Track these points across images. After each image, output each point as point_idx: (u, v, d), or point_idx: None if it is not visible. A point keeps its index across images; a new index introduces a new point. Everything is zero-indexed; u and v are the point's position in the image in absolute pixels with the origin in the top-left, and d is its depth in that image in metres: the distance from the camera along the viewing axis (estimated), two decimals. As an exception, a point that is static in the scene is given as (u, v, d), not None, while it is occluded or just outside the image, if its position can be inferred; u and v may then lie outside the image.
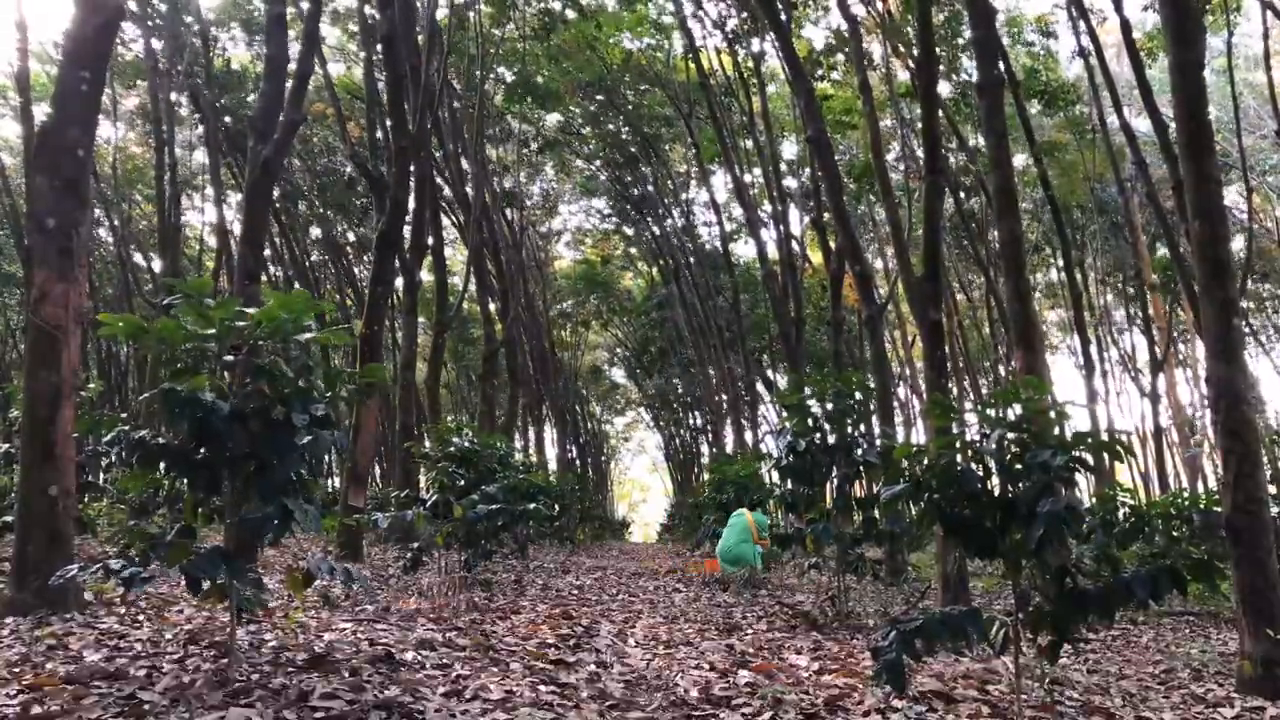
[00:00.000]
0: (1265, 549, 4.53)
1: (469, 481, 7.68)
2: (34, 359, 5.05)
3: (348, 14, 20.07)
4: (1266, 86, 13.85)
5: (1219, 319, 4.80)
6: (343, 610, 5.65)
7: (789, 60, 12.07)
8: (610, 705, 3.59)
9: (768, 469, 7.39)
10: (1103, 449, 3.35)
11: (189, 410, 3.28)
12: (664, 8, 20.72)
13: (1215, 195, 4.94)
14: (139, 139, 24.01)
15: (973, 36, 7.88)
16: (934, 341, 7.82)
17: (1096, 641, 6.49)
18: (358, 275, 26.18)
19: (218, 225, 19.32)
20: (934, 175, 8.23)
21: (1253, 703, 4.26)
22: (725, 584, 9.04)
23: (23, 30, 12.83)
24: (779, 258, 18.05)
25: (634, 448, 54.13)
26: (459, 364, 32.40)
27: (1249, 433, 4.71)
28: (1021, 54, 18.55)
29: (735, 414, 24.34)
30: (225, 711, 2.99)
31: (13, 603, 4.68)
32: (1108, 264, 26.50)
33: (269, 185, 8.21)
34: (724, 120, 19.56)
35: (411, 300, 13.63)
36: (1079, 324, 15.53)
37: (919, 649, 3.16)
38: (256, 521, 3.38)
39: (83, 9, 5.33)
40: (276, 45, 8.30)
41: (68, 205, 5.09)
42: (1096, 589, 3.20)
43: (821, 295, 22.89)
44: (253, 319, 3.36)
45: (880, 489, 6.30)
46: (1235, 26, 15.16)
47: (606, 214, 30.63)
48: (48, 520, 4.85)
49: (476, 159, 19.50)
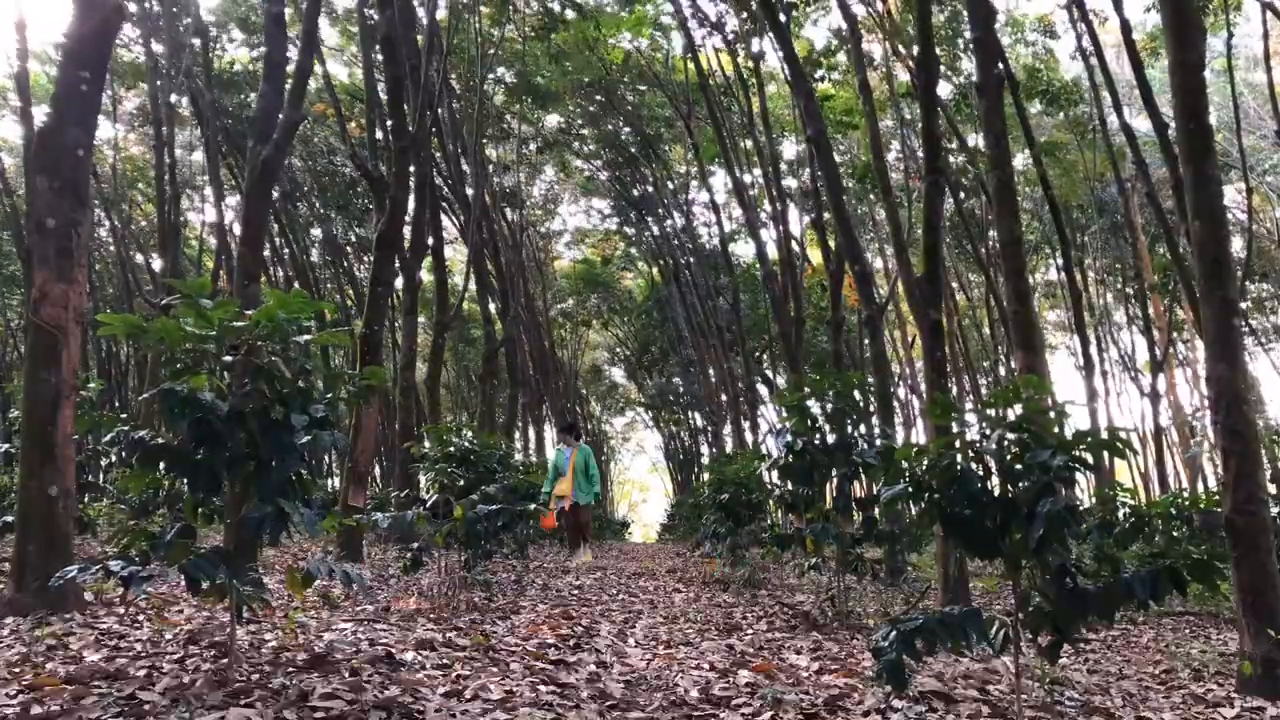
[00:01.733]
0: (1265, 549, 4.53)
1: (469, 482, 7.67)
2: (34, 359, 5.05)
3: (347, 14, 20.08)
4: (1266, 86, 13.86)
5: (1219, 319, 4.79)
6: (343, 610, 5.65)
7: (789, 60, 12.07)
8: (610, 705, 3.59)
9: (767, 469, 7.38)
10: (1103, 447, 3.35)
11: (188, 410, 3.28)
12: (663, 8, 20.74)
13: (1215, 195, 4.94)
14: (139, 139, 24.03)
15: (973, 36, 7.88)
16: (934, 341, 7.82)
17: (1096, 641, 6.49)
18: (358, 275, 26.19)
19: (218, 225, 19.33)
20: (934, 175, 8.22)
21: (1253, 703, 4.26)
22: (725, 584, 9.05)
23: (22, 31, 12.84)
24: (779, 258, 18.05)
25: (634, 448, 54.17)
26: (459, 364, 32.41)
27: (1249, 433, 4.70)
28: (1022, 54, 18.56)
29: (735, 414, 24.34)
30: (225, 711, 2.99)
31: (13, 603, 4.68)
32: (1107, 264, 26.51)
33: (269, 185, 8.21)
34: (724, 120, 19.56)
35: (411, 300, 13.63)
36: (1079, 324, 15.53)
37: (919, 649, 3.16)
38: (256, 522, 3.38)
39: (82, 9, 5.33)
40: (275, 45, 8.30)
41: (67, 206, 5.09)
42: (1096, 589, 3.20)
43: (821, 295, 22.88)
44: (252, 319, 3.36)
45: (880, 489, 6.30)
46: (1235, 27, 15.18)
47: (606, 214, 30.66)
48: (48, 520, 4.85)
49: (476, 159, 19.51)
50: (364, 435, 9.73)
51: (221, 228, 18.92)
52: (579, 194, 30.22)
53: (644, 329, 34.15)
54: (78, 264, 5.12)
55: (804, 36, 18.76)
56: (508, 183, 24.78)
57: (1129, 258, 23.53)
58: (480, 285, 19.84)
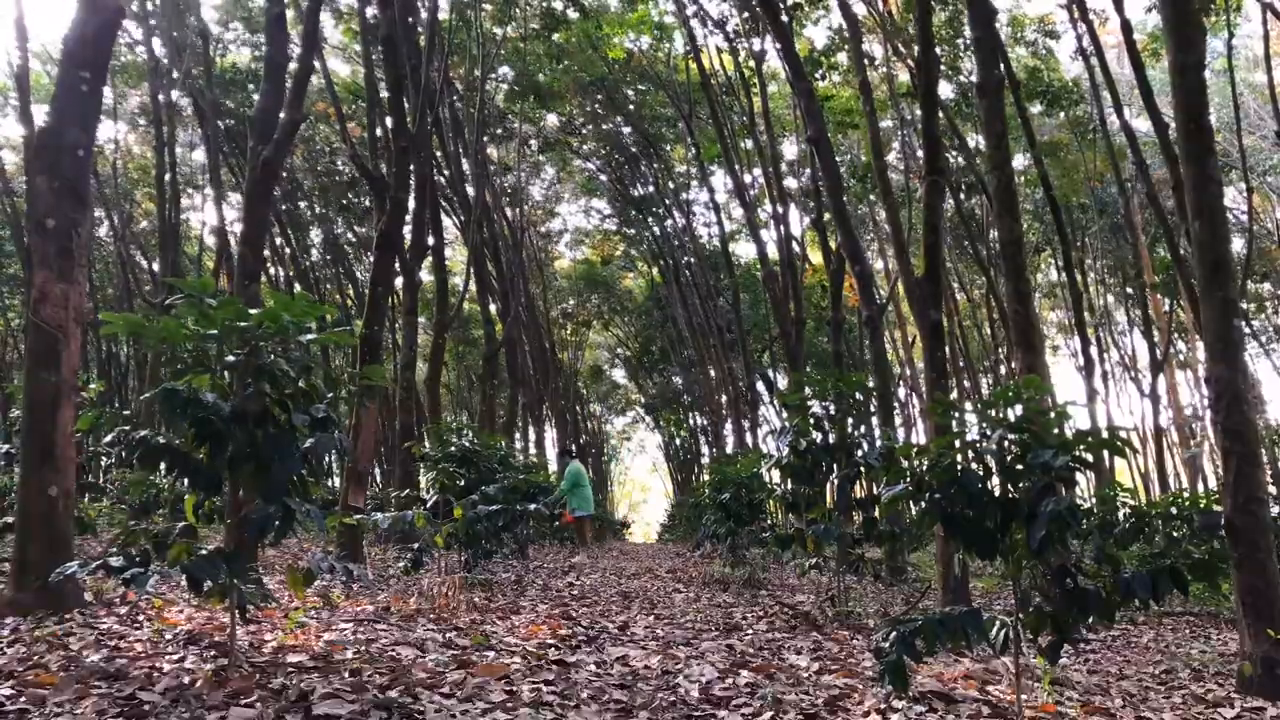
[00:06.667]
0: (1265, 549, 4.53)
1: (469, 482, 7.68)
2: (34, 359, 5.04)
3: (350, 12, 20.07)
4: (1266, 86, 13.86)
5: (1219, 319, 4.79)
6: (343, 610, 5.65)
7: (789, 60, 12.06)
8: (610, 705, 3.59)
9: (768, 469, 7.39)
10: (1103, 447, 3.35)
11: (190, 410, 3.28)
12: (665, 7, 20.74)
13: (1215, 196, 4.94)
14: (140, 139, 24.03)
15: (973, 36, 7.88)
16: (934, 342, 7.83)
17: (1096, 641, 6.49)
18: (358, 275, 26.19)
19: (218, 225, 19.34)
20: (934, 175, 8.23)
21: (1253, 703, 4.26)
22: (725, 584, 9.05)
23: (22, 30, 12.84)
24: (779, 258, 18.05)
25: (634, 448, 54.12)
26: (459, 364, 32.41)
27: (1249, 433, 4.71)
28: (1023, 54, 18.55)
29: (735, 414, 24.34)
30: (225, 711, 2.99)
31: (13, 603, 4.68)
32: (1108, 264, 26.51)
33: (269, 185, 8.20)
34: (724, 120, 19.56)
35: (412, 300, 13.62)
36: (1079, 324, 15.53)
37: (919, 649, 3.16)
38: (258, 522, 3.38)
39: (83, 9, 5.32)
40: (276, 45, 8.29)
41: (68, 206, 5.08)
42: (1097, 589, 3.20)
43: (821, 295, 22.89)
44: (255, 319, 3.36)
45: (881, 489, 6.31)
46: (1236, 27, 15.18)
47: (607, 214, 30.65)
48: (48, 521, 4.85)
49: (477, 159, 19.50)
50: (364, 435, 9.72)
51: (222, 228, 18.93)
52: (579, 194, 30.22)
53: (644, 329, 34.14)
54: (78, 264, 5.12)
55: (805, 36, 18.75)
56: (508, 182, 24.77)
57: (1129, 258, 23.54)
58: (480, 285, 19.83)
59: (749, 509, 9.36)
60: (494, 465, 8.17)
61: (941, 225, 10.05)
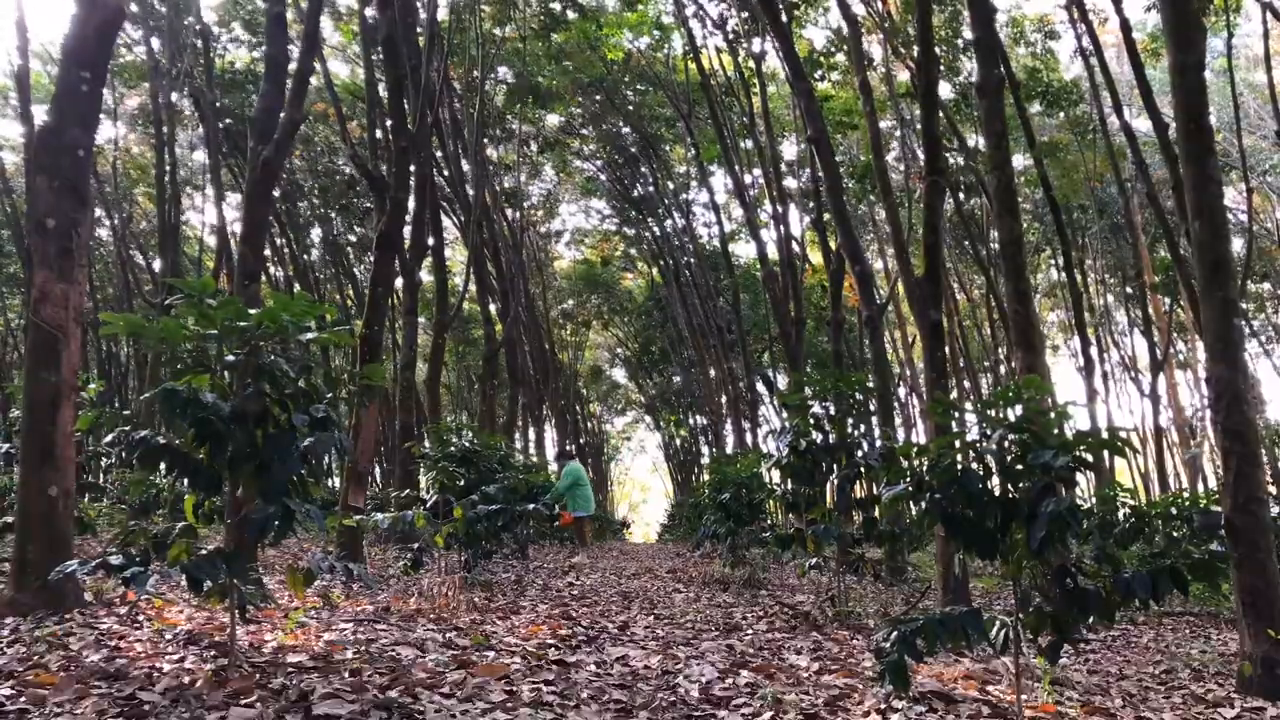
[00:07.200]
0: (1265, 549, 4.53)
1: (469, 482, 7.68)
2: (34, 359, 5.04)
3: (350, 12, 20.07)
4: (1266, 86, 13.86)
5: (1219, 319, 4.80)
6: (343, 610, 5.64)
7: (789, 60, 12.06)
8: (610, 705, 3.59)
9: (768, 469, 7.39)
10: (1103, 447, 3.35)
11: (190, 410, 3.28)
12: (664, 7, 20.74)
13: (1215, 196, 4.94)
14: (140, 139, 24.02)
15: (973, 37, 7.88)
16: (934, 342, 7.83)
17: (1096, 641, 6.49)
18: (358, 275, 26.19)
19: (218, 225, 19.32)
20: (934, 175, 8.23)
21: (1253, 703, 4.26)
22: (725, 584, 9.05)
23: (23, 30, 12.83)
24: (779, 258, 18.05)
25: (634, 447, 54.11)
26: (459, 364, 32.41)
27: (1249, 433, 4.71)
28: (1023, 54, 18.55)
29: (735, 414, 24.35)
30: (225, 711, 2.99)
31: (12, 603, 4.68)
32: (1108, 264, 26.51)
33: (269, 185, 8.20)
34: (724, 120, 19.56)
35: (411, 300, 13.62)
36: (1079, 325, 15.53)
37: (920, 649, 3.16)
38: (258, 522, 3.38)
39: (83, 8, 5.32)
40: (276, 45, 8.29)
41: (68, 205, 5.08)
42: (1097, 589, 3.20)
43: (821, 295, 22.89)
44: (254, 319, 3.36)
45: (881, 489, 6.31)
46: (1236, 27, 15.18)
47: (606, 214, 30.65)
48: (48, 520, 4.85)
49: (477, 159, 19.50)
50: (364, 435, 9.72)
51: (222, 228, 18.91)
52: (579, 194, 30.22)
53: (644, 329, 34.14)
54: (78, 264, 5.12)
55: (804, 36, 18.75)
56: (508, 183, 24.77)
57: (1129, 258, 23.54)
58: (480, 285, 19.82)
59: (749, 509, 9.36)
60: (494, 465, 8.17)
61: (941, 225, 10.06)
